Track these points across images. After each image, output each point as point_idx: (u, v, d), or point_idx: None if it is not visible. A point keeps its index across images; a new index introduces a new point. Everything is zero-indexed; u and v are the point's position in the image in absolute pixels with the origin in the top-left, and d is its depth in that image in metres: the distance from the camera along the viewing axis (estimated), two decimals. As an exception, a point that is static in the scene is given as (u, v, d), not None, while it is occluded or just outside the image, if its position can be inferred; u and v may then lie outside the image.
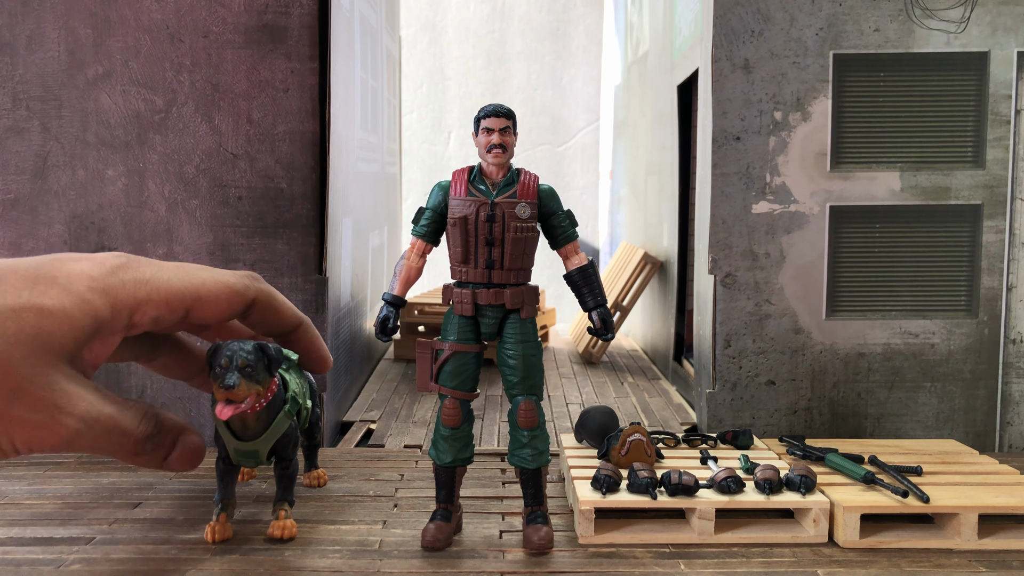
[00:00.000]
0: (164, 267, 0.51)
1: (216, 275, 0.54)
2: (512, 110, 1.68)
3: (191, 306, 0.53)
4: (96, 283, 0.47)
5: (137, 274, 0.50)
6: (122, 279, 0.48)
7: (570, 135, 5.40)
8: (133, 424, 0.48)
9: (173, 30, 2.27)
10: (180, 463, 0.51)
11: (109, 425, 0.46)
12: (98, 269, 0.47)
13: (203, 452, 0.52)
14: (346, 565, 1.57)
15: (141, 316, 0.50)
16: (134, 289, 0.49)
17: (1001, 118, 2.24)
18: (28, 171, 2.28)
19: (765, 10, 2.23)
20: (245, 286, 0.55)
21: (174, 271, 0.52)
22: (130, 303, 0.49)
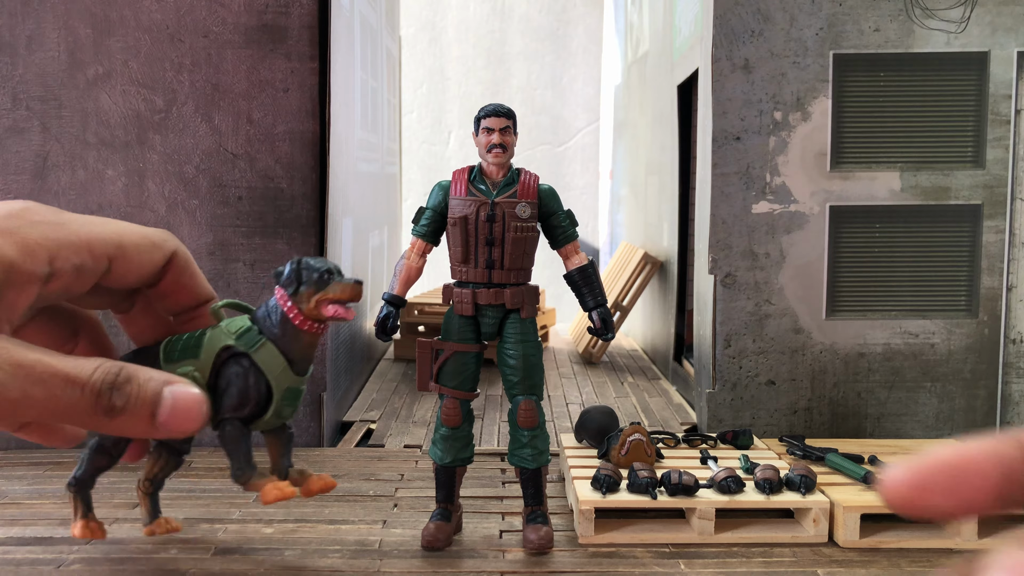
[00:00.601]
0: (76, 215, 0.45)
1: (134, 226, 0.48)
2: (512, 110, 1.68)
3: (114, 255, 0.46)
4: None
5: (49, 216, 0.43)
6: (30, 220, 0.42)
7: (570, 135, 5.40)
8: (84, 370, 0.40)
9: (173, 30, 2.27)
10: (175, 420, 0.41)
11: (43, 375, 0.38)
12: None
13: (204, 406, 0.43)
14: (346, 565, 1.57)
15: (63, 262, 0.43)
16: (49, 231, 0.42)
17: (1001, 118, 2.24)
18: (28, 171, 2.28)
19: (765, 10, 2.23)
20: (163, 239, 0.49)
21: (91, 218, 0.46)
22: (48, 246, 0.42)
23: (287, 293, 1.38)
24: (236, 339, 1.36)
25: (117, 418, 0.40)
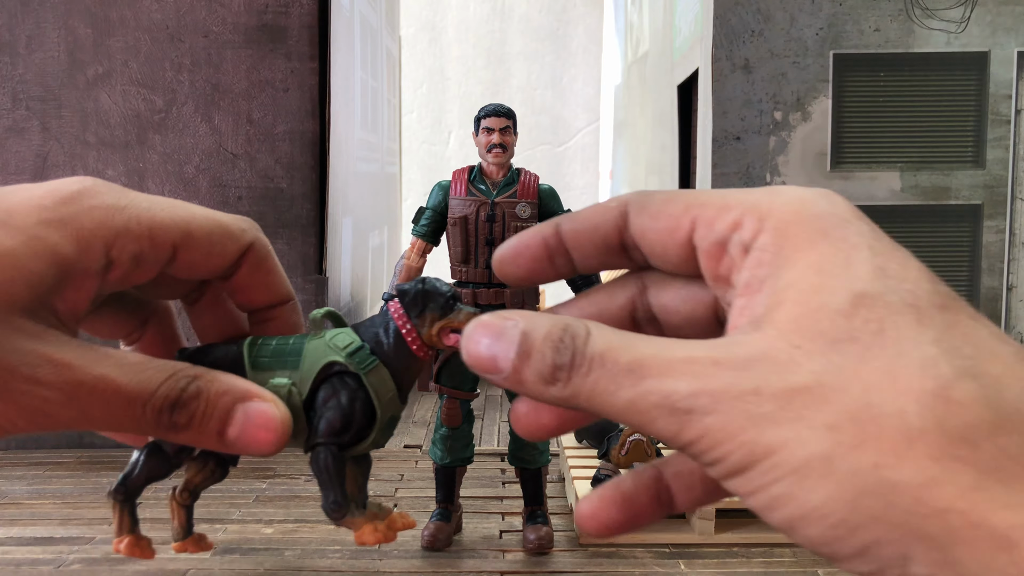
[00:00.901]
0: (141, 195, 0.40)
1: (208, 211, 0.43)
2: (512, 110, 1.68)
3: (179, 243, 0.41)
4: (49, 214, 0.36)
5: (108, 199, 0.39)
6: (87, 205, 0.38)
7: (570, 135, 5.40)
8: (149, 385, 0.36)
9: (173, 30, 2.26)
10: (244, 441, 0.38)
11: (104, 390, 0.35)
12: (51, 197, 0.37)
13: (282, 424, 0.39)
14: (346, 565, 1.57)
15: (119, 251, 0.39)
16: (105, 217, 0.38)
17: (1001, 118, 2.24)
18: (28, 171, 2.28)
19: (765, 10, 2.23)
20: (241, 229, 0.43)
21: (157, 200, 0.41)
22: (104, 235, 0.38)
23: (408, 316, 1.36)
24: (347, 357, 1.34)
25: (181, 434, 0.38)
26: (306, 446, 1.37)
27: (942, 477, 0.26)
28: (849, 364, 0.27)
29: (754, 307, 0.30)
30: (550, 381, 0.30)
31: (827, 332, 0.28)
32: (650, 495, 0.36)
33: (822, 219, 0.31)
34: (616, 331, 0.31)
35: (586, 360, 0.29)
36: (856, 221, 0.32)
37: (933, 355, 0.28)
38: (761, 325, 0.29)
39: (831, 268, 0.29)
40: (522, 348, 0.30)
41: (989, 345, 0.29)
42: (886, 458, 0.26)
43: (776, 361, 0.28)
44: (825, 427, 0.27)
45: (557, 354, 0.30)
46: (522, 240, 0.35)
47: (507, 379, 0.30)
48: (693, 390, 0.28)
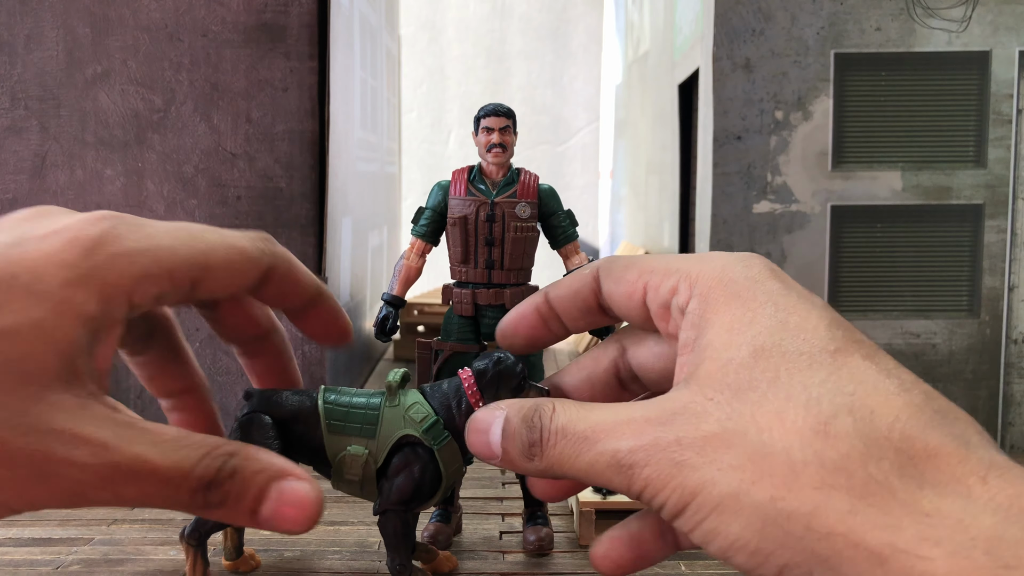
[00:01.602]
0: (159, 229, 0.39)
1: (225, 238, 0.43)
2: (512, 109, 1.67)
3: (198, 277, 0.41)
4: (75, 272, 0.35)
5: (129, 243, 0.38)
6: (110, 254, 0.36)
7: (570, 135, 5.40)
8: (185, 464, 0.35)
9: (172, 29, 2.26)
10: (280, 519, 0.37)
11: (140, 470, 0.34)
12: (73, 250, 0.35)
13: (316, 504, 0.38)
14: (345, 566, 1.57)
15: (142, 296, 0.38)
16: (127, 266, 0.37)
17: (1003, 117, 2.23)
18: (26, 171, 2.27)
19: (766, 9, 2.23)
20: (260, 251, 0.43)
21: (175, 234, 0.40)
22: (126, 284, 0.37)
23: (482, 395, 1.36)
24: (423, 432, 1.35)
25: (215, 512, 0.38)
26: (375, 509, 1.37)
27: (824, 504, 0.28)
28: (747, 410, 0.31)
29: (686, 365, 0.34)
30: (528, 457, 0.36)
31: (732, 384, 0.31)
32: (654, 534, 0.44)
33: (736, 283, 0.35)
34: (579, 405, 0.34)
35: (551, 434, 0.34)
36: (767, 281, 0.36)
37: (817, 395, 0.30)
38: (688, 382, 0.33)
39: (739, 326, 0.33)
40: (505, 432, 0.35)
41: (873, 381, 0.32)
42: (779, 491, 0.29)
43: (693, 413, 0.31)
44: (731, 468, 0.30)
45: (530, 431, 0.34)
46: (518, 312, 0.40)
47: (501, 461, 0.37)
48: (632, 447, 0.32)
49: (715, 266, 0.36)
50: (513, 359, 1.57)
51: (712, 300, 0.35)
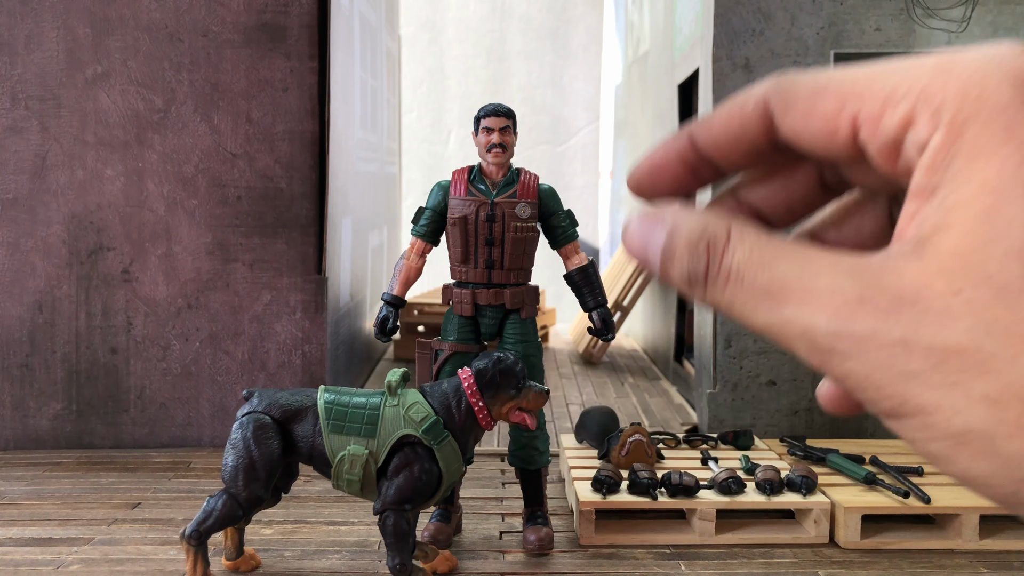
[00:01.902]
0: None
1: None
2: (512, 109, 1.67)
3: None
4: None
5: None
6: None
7: (570, 135, 5.40)
8: None
9: (172, 29, 2.26)
10: None
11: None
12: None
13: None
14: (345, 566, 1.57)
15: None
16: None
17: (1002, 118, 2.23)
18: (27, 171, 2.28)
19: (766, 9, 2.23)
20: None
21: None
22: None
23: (482, 394, 1.39)
24: (423, 432, 1.37)
25: None
26: (375, 509, 1.38)
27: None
28: (1017, 326, 0.22)
29: (922, 220, 0.24)
30: (691, 286, 0.26)
31: (995, 277, 0.22)
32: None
33: (1007, 112, 0.23)
34: (761, 237, 0.26)
35: (721, 274, 0.26)
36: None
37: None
38: (924, 250, 0.24)
39: (1011, 188, 0.23)
40: (666, 250, 0.27)
41: None
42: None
43: (930, 308, 0.23)
44: (985, 400, 0.23)
45: (694, 261, 0.27)
46: (656, 159, 0.30)
47: (660, 278, 0.27)
48: (834, 330, 0.24)
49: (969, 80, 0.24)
50: (513, 359, 1.57)
51: (970, 136, 0.24)
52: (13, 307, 2.27)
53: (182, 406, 2.30)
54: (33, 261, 2.27)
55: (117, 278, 2.28)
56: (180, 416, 2.30)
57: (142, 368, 2.28)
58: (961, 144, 0.23)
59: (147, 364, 2.29)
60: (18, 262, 2.27)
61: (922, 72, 0.25)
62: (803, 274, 0.25)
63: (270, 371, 2.30)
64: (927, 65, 0.25)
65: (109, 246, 2.29)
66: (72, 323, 2.27)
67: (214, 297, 2.28)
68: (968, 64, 0.24)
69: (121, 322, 2.28)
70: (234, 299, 2.29)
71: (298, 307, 2.30)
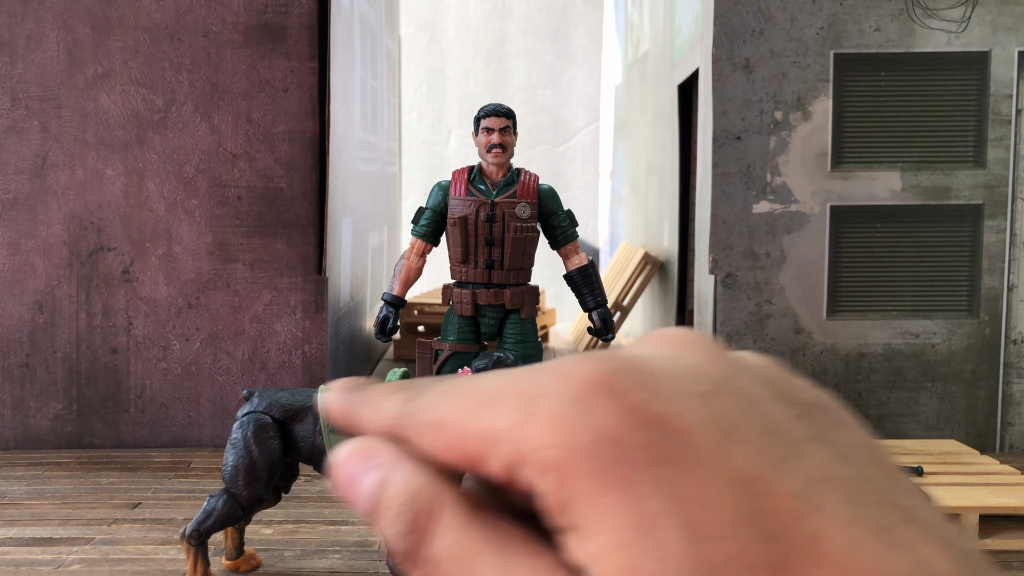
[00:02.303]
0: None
1: None
2: (512, 110, 1.68)
3: None
4: None
5: None
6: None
7: (570, 135, 5.40)
8: None
9: (172, 30, 2.26)
10: None
11: None
12: None
13: None
14: (345, 566, 1.57)
15: None
16: None
17: (1002, 118, 2.23)
18: (27, 171, 2.28)
19: (766, 9, 2.23)
20: None
21: None
22: None
23: None
24: None
25: None
26: None
27: None
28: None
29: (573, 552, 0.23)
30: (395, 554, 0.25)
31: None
32: None
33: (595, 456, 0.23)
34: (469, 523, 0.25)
35: (421, 559, 0.25)
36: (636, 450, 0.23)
37: None
38: None
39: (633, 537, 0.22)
40: (373, 506, 0.25)
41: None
42: None
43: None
44: None
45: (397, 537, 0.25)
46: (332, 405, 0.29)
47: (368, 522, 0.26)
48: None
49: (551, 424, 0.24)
50: (513, 359, 1.58)
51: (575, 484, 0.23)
52: (13, 307, 2.27)
53: (182, 406, 2.30)
54: (33, 261, 2.27)
55: (117, 278, 2.28)
56: (180, 416, 2.30)
57: (142, 368, 2.29)
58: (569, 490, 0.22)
59: (147, 364, 2.29)
60: (18, 262, 2.27)
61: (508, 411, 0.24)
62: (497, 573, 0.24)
63: (270, 371, 2.31)
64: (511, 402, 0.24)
65: (109, 246, 2.29)
66: (72, 323, 2.28)
67: (214, 297, 2.29)
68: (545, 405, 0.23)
69: (121, 322, 2.28)
70: (234, 299, 2.29)
71: (298, 307, 2.30)
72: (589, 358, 0.24)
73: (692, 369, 0.24)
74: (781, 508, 0.21)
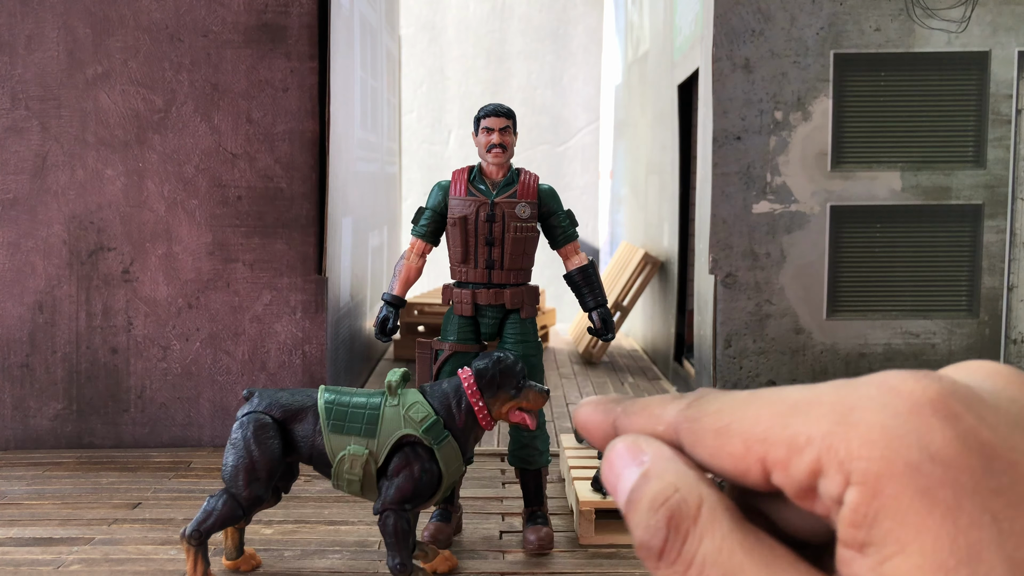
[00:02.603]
0: None
1: None
2: (512, 110, 1.67)
3: None
4: None
5: None
6: None
7: (570, 135, 5.40)
8: None
9: (172, 30, 2.26)
10: None
11: None
12: None
13: None
14: (345, 566, 1.57)
15: None
16: None
17: (1002, 118, 2.23)
18: (27, 171, 2.28)
19: (766, 9, 2.23)
20: None
21: None
22: None
23: (482, 394, 1.40)
24: (423, 431, 1.38)
25: None
26: (375, 509, 1.38)
27: None
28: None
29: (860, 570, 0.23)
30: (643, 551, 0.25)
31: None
32: None
33: (920, 474, 0.22)
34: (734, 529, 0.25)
35: (682, 559, 0.24)
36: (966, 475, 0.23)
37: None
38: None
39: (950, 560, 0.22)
40: (633, 497, 0.26)
41: None
42: None
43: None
44: None
45: (649, 531, 0.25)
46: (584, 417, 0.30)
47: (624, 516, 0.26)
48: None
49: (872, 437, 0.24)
50: (513, 359, 1.58)
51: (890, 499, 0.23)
52: (13, 307, 2.27)
53: (182, 406, 2.30)
54: (33, 261, 2.27)
55: (117, 278, 2.28)
56: (180, 416, 2.30)
57: (142, 368, 2.29)
58: (881, 504, 0.22)
59: (147, 364, 2.29)
60: (19, 262, 2.27)
61: (821, 419, 0.24)
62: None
63: (270, 371, 2.31)
64: (825, 411, 0.24)
65: (109, 246, 2.29)
66: (72, 323, 2.28)
67: (214, 297, 2.29)
68: (869, 416, 0.24)
69: (121, 322, 2.28)
70: (234, 299, 2.29)
71: (298, 307, 2.30)
72: (916, 376, 0.24)
73: (1021, 404, 0.24)
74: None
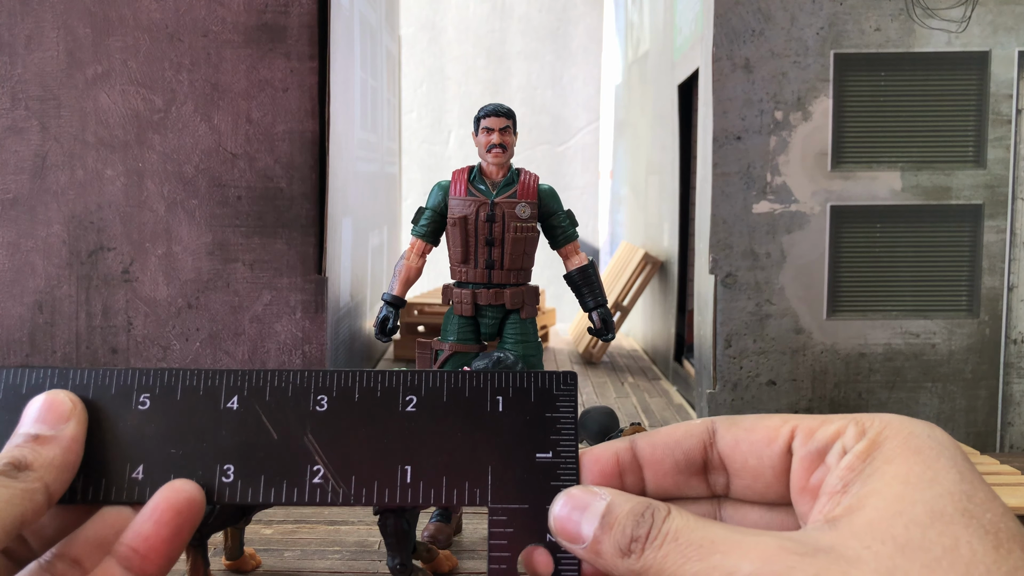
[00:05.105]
0: None
1: None
2: (512, 109, 1.68)
3: None
4: None
5: None
6: None
7: (570, 135, 5.40)
8: None
9: (172, 29, 2.26)
10: None
11: None
12: None
13: None
14: (345, 566, 1.57)
15: None
16: None
17: (1002, 118, 2.23)
18: (27, 171, 2.28)
19: (766, 9, 2.23)
20: None
21: None
22: None
23: None
24: None
25: None
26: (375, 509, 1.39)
27: None
28: (914, 569, 0.26)
29: (833, 507, 0.29)
30: (625, 553, 0.31)
31: (899, 537, 0.27)
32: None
33: (918, 439, 0.30)
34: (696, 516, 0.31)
35: (661, 534, 0.30)
36: (952, 448, 0.30)
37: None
38: (836, 524, 0.29)
39: (916, 482, 0.28)
40: (605, 521, 0.31)
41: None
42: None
43: (842, 556, 0.27)
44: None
45: (636, 527, 0.30)
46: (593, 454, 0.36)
47: (587, 549, 0.32)
48: (756, 570, 0.28)
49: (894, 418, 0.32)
50: (513, 359, 1.58)
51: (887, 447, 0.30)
52: (13, 307, 2.27)
53: (182, 406, 2.30)
54: (33, 261, 2.27)
55: (117, 278, 2.28)
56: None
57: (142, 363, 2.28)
58: (878, 453, 0.29)
59: (147, 364, 2.29)
60: (18, 262, 2.27)
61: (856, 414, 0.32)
62: (732, 535, 0.29)
63: (270, 371, 2.30)
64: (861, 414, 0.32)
65: (109, 246, 2.29)
66: (72, 323, 2.28)
67: (214, 297, 2.29)
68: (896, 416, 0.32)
69: (121, 322, 2.28)
70: (234, 299, 2.29)
71: (298, 307, 2.30)
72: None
73: None
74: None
